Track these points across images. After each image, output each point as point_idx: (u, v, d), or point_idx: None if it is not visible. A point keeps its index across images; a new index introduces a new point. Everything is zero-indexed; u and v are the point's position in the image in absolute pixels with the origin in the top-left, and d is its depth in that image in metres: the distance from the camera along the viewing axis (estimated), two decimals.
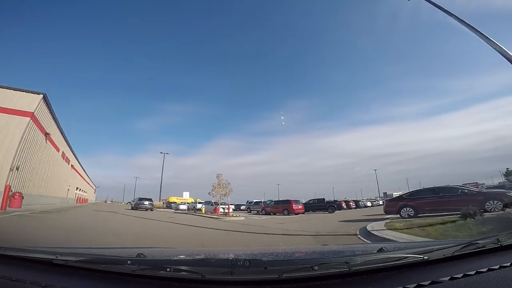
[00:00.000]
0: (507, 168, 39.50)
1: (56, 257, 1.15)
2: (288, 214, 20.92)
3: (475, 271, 0.97)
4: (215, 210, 20.86)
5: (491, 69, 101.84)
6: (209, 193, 19.91)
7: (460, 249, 1.15)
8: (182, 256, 1.53)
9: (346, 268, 0.98)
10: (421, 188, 13.38)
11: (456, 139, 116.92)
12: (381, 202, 43.49)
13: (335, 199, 28.46)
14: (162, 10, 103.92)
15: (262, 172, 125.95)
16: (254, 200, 32.58)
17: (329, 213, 22.28)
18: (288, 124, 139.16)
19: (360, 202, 34.26)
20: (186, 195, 31.97)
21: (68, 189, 32.73)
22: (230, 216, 16.71)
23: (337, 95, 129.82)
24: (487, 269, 0.99)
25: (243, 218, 15.87)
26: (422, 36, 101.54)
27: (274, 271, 0.99)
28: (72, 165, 34.36)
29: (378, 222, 8.94)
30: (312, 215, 19.29)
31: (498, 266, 1.01)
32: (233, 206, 37.92)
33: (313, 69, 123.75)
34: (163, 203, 43.32)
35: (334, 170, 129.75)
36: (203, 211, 22.31)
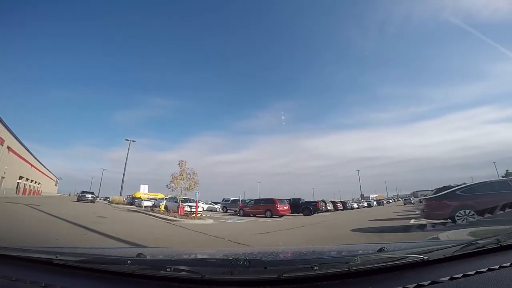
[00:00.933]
0: (507, 170, 40.27)
1: (56, 257, 1.18)
2: (271, 216, 17.81)
3: (475, 271, 0.99)
4: (179, 208, 16.98)
5: (464, 80, 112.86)
6: (167, 186, 15.69)
7: (460, 249, 1.19)
8: (182, 256, 1.59)
9: (346, 268, 1.00)
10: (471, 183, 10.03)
11: (430, 147, 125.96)
12: (365, 204, 44.76)
13: (313, 200, 25.59)
14: (149, 4, 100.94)
15: (244, 171, 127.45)
16: (232, 198, 29.08)
17: (304, 215, 20.23)
18: (272, 123, 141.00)
19: (347, 203, 32.85)
20: (144, 189, 25.90)
21: (2, 177, 28.17)
22: (194, 218, 13.14)
23: (321, 99, 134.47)
24: (487, 269, 1.02)
25: (211, 221, 12.69)
26: (405, 45, 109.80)
27: (274, 271, 1.01)
28: (9, 148, 28.38)
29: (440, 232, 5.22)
30: (299, 219, 16.48)
31: (498, 266, 1.04)
32: (205, 205, 34.44)
33: (300, 72, 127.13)
34: (126, 198, 36.30)
35: (314, 171, 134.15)
36: (162, 209, 18.71)
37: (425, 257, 1.09)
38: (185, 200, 18.69)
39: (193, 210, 16.79)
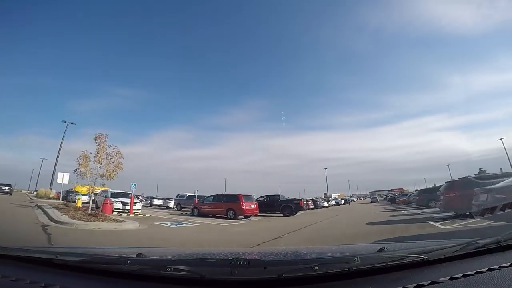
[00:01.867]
0: (480, 168, 42.60)
1: (56, 257, 1.21)
2: (234, 217, 14.26)
3: (475, 271, 1.00)
4: (104, 205, 12.97)
5: (420, 90, 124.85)
6: (75, 172, 10.65)
7: (460, 249, 1.20)
8: (182, 256, 1.60)
9: (346, 268, 1.01)
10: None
11: (387, 150, 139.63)
12: (334, 202, 45.39)
13: (294, 197, 22.16)
14: None
15: (212, 167, 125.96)
16: (188, 194, 24.87)
17: (286, 216, 16.92)
18: (243, 121, 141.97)
19: (317, 202, 32.50)
20: (63, 178, 19.04)
21: None
22: (106, 221, 9.16)
23: (292, 99, 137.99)
24: (487, 269, 1.02)
25: (135, 225, 9.21)
26: (371, 54, 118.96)
27: (274, 271, 1.03)
28: None
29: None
30: (275, 221, 13.42)
31: (498, 266, 1.04)
32: (158, 201, 31.94)
33: (272, 71, 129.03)
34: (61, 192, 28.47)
35: (281, 170, 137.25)
36: (79, 204, 13.88)
37: (425, 257, 1.11)
38: (117, 195, 15.80)
39: (127, 208, 14.27)
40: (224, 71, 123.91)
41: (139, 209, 15.50)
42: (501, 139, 38.88)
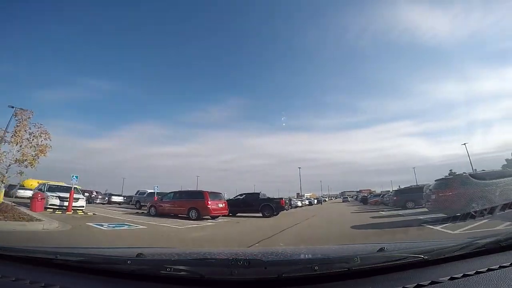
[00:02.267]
0: (451, 170, 44.69)
1: (56, 257, 1.25)
2: (197, 218, 12.65)
3: (474, 271, 1.03)
4: (33, 200, 10.84)
5: (392, 96, 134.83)
6: None
7: (460, 249, 1.24)
8: (182, 256, 1.65)
9: (346, 268, 1.05)
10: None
11: (359, 153, 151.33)
12: (307, 202, 44.81)
13: (274, 197, 21.07)
14: None
15: (186, 165, 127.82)
16: (148, 191, 23.24)
17: (266, 217, 15.62)
18: (221, 119, 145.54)
19: (291, 202, 31.50)
20: None
21: None
22: (24, 220, 7.58)
23: (272, 99, 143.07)
24: (486, 269, 1.06)
25: (68, 228, 7.92)
26: (351, 60, 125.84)
27: (274, 271, 1.06)
28: None
29: None
30: (250, 224, 11.63)
31: (497, 266, 1.08)
32: (118, 198, 30.82)
33: (254, 71, 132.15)
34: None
35: (257, 169, 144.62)
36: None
37: (425, 257, 1.14)
38: (56, 189, 14.09)
39: (66, 204, 12.75)
40: (204, 67, 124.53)
41: (82, 206, 13.97)
42: (464, 144, 41.45)
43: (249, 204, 16.86)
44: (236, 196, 18.67)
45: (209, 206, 12.93)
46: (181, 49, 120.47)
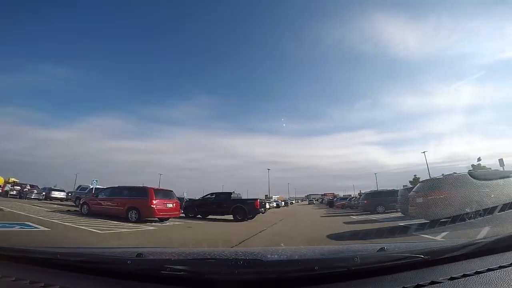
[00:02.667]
0: (415, 175, 48.08)
1: (56, 257, 1.29)
2: (137, 221, 10.55)
3: (474, 271, 1.07)
4: None
5: (356, 106, 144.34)
6: None
7: (460, 249, 1.29)
8: (182, 256, 1.70)
9: (346, 268, 1.08)
10: None
11: (324, 158, 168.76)
12: (274, 204, 42.77)
13: (247, 198, 19.05)
14: None
15: (150, 162, 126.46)
16: (92, 186, 21.22)
17: (239, 220, 14.00)
18: (190, 117, 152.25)
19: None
20: None
21: None
22: None
23: (244, 100, 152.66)
24: (486, 269, 1.09)
25: None
26: (323, 69, 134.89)
27: (274, 271, 1.11)
28: None
29: None
30: (196, 231, 9.71)
31: (497, 266, 1.12)
32: (59, 193, 27.47)
33: (227, 70, 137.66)
34: None
35: (224, 170, 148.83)
36: None
37: (425, 257, 1.16)
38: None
39: None
40: (176, 62, 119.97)
41: None
42: (423, 152, 46.04)
43: (220, 205, 15.54)
44: (206, 195, 17.06)
45: (154, 206, 11.62)
46: (151, 41, 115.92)
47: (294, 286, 1.01)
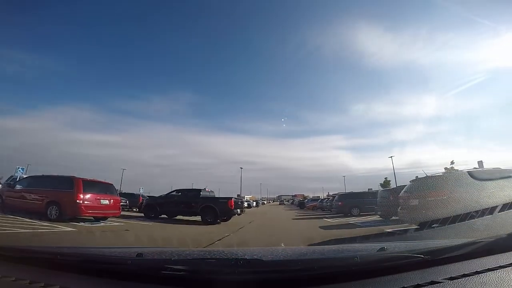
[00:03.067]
0: (386, 178, 50.61)
1: (56, 257, 1.32)
2: (58, 219, 8.50)
3: (474, 271, 1.09)
4: None
5: (331, 111, 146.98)
6: None
7: (460, 249, 1.32)
8: (182, 256, 1.72)
9: (346, 268, 1.13)
10: None
11: (296, 160, 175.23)
12: (246, 204, 40.40)
13: (222, 196, 16.76)
14: None
15: (117, 157, 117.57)
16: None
17: (209, 223, 11.73)
18: (164, 112, 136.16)
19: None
20: None
21: None
22: None
23: (222, 99, 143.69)
24: (486, 269, 1.11)
25: None
26: (300, 73, 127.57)
27: (274, 271, 1.14)
28: None
29: None
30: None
31: (497, 266, 1.14)
32: None
33: (205, 66, 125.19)
34: None
35: (197, 168, 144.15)
36: None
37: (425, 257, 1.18)
38: None
39: None
40: (154, 55, 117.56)
41: None
42: (391, 157, 47.60)
43: (187, 204, 13.70)
44: (170, 192, 15.05)
45: (80, 202, 9.74)
46: (129, 30, 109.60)
47: (294, 286, 1.04)
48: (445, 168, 38.53)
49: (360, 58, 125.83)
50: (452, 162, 36.97)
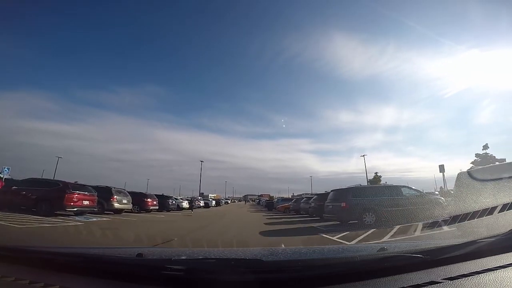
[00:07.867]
0: (376, 173, 50.98)
1: (56, 257, 1.37)
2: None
3: (474, 272, 1.15)
4: None
5: (300, 116, 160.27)
6: None
7: (460, 249, 1.38)
8: (182, 256, 1.79)
9: (346, 268, 1.17)
10: None
11: (263, 161, 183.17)
12: (202, 204, 39.98)
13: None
14: None
15: (72, 149, 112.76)
16: None
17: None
18: (130, 105, 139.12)
19: (170, 201, 25.89)
20: None
21: None
22: None
23: (194, 96, 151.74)
24: (485, 269, 1.17)
25: None
26: (275, 78, 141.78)
27: (274, 271, 1.16)
28: None
29: None
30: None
31: (496, 267, 1.20)
32: None
33: (178, 61, 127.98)
34: None
35: (161, 165, 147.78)
36: None
37: (425, 257, 1.24)
38: None
39: None
40: (126, 44, 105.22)
41: None
42: (363, 155, 48.85)
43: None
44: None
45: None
46: (104, 18, 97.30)
47: (294, 286, 1.06)
48: (375, 174, 47.75)
49: (332, 69, 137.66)
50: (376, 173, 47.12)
